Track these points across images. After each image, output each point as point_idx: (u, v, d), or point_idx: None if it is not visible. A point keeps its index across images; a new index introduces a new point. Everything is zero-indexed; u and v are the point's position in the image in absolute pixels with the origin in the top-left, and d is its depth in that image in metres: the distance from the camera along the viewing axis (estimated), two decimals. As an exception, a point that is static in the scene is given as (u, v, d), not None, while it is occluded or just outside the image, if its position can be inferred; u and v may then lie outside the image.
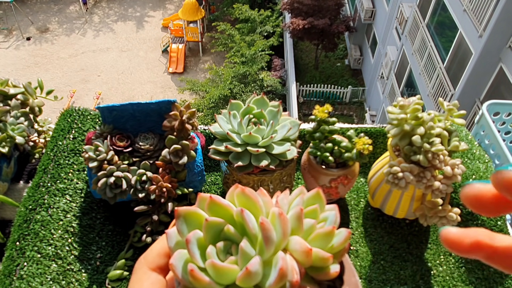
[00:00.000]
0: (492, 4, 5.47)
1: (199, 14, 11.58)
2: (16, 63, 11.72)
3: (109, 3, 14.04)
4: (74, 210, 0.93)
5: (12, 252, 0.84)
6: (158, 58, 12.29)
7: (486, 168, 1.01)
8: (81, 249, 0.90)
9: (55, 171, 0.95)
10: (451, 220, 0.83)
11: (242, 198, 0.34)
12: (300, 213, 0.34)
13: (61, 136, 1.01)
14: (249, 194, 0.33)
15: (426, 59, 7.37)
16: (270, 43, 9.63)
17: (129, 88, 11.31)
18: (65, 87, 10.99)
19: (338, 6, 9.92)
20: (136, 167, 0.88)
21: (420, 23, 7.62)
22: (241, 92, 8.83)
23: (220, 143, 0.86)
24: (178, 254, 0.33)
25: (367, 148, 0.87)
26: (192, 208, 0.34)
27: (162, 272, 0.37)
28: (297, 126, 0.88)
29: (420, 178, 0.79)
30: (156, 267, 0.37)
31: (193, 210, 0.34)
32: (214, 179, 1.09)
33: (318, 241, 0.34)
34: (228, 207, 0.34)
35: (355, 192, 1.09)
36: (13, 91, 1.02)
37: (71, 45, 12.52)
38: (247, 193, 0.33)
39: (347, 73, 11.35)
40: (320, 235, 0.35)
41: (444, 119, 0.83)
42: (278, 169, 0.87)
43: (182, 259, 0.33)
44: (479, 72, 6.04)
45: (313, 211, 0.37)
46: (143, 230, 0.91)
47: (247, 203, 0.34)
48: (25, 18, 12.99)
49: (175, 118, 0.87)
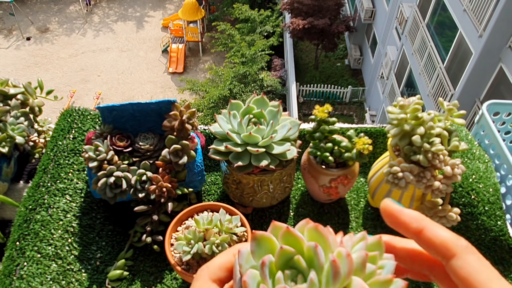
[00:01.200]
0: (492, 4, 5.47)
1: (199, 14, 11.58)
2: (16, 63, 11.71)
3: (109, 3, 14.04)
4: (74, 210, 0.93)
5: (12, 252, 0.84)
6: (158, 58, 12.29)
7: (486, 168, 1.01)
8: (81, 249, 0.90)
9: (55, 171, 0.95)
10: (451, 220, 0.83)
11: (313, 233, 0.37)
12: (365, 257, 0.36)
13: (61, 136, 1.01)
14: (321, 232, 0.37)
15: (426, 59, 7.37)
16: (270, 43, 9.62)
17: (129, 88, 11.31)
18: (65, 87, 10.98)
19: (338, 6, 9.92)
20: (136, 167, 0.88)
21: (420, 23, 7.62)
22: (241, 92, 8.83)
23: (220, 143, 0.86)
24: (250, 273, 0.36)
25: (367, 148, 0.87)
26: (267, 234, 0.38)
27: (221, 284, 0.40)
28: (297, 126, 0.88)
29: (420, 178, 0.79)
30: (217, 278, 0.39)
31: (267, 236, 0.38)
32: (214, 179, 1.09)
33: (376, 286, 0.37)
34: (301, 240, 0.37)
35: (355, 192, 1.09)
36: (13, 91, 1.02)
37: (71, 45, 12.52)
38: (320, 230, 0.37)
39: (347, 73, 11.35)
40: (379, 281, 0.37)
41: (444, 119, 0.83)
42: (278, 169, 0.87)
43: (255, 279, 0.36)
44: (479, 72, 6.04)
45: (373, 257, 0.39)
46: (143, 230, 0.91)
47: (319, 239, 0.37)
48: (25, 18, 12.98)
49: (175, 118, 0.87)
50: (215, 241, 0.74)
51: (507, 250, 0.96)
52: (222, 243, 0.74)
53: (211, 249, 0.73)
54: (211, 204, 0.83)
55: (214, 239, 0.74)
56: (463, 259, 0.37)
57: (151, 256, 0.94)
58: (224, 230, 0.76)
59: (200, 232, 0.75)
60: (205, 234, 0.76)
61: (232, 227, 0.76)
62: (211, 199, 1.06)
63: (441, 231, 0.38)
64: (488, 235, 0.95)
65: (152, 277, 0.91)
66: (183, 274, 0.76)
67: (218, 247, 0.74)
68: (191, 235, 0.75)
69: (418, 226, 0.39)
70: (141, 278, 0.90)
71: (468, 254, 0.37)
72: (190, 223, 0.81)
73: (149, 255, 0.94)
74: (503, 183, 1.05)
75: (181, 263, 0.77)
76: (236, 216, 0.79)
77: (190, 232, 0.75)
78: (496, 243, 0.96)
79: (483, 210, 0.96)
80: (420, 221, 0.39)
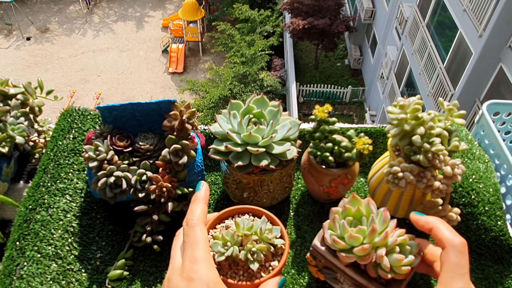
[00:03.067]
0: (492, 4, 5.47)
1: (199, 14, 11.58)
2: (16, 63, 11.72)
3: (109, 3, 14.04)
4: (74, 210, 0.93)
5: (12, 252, 0.84)
6: (158, 58, 12.29)
7: (486, 168, 1.01)
8: (81, 249, 0.90)
9: (55, 171, 0.95)
10: (451, 220, 0.83)
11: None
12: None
13: (61, 136, 1.01)
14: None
15: (426, 59, 7.37)
16: (270, 43, 9.63)
17: (129, 88, 11.32)
18: (65, 87, 10.99)
19: (338, 6, 9.93)
20: (136, 167, 0.89)
21: (420, 23, 7.62)
22: (241, 92, 8.83)
23: (220, 143, 0.86)
24: (326, 225, 0.71)
25: (367, 148, 0.87)
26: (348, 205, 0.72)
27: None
28: (297, 126, 0.88)
29: (420, 178, 0.79)
30: (204, 222, 0.65)
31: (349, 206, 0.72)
32: (214, 179, 1.09)
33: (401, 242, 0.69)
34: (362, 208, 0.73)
35: (355, 192, 1.09)
36: (13, 91, 1.02)
37: (71, 45, 12.52)
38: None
39: (347, 73, 11.35)
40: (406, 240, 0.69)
41: (444, 119, 0.83)
42: (278, 169, 0.87)
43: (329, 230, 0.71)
44: (479, 72, 6.04)
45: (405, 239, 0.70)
46: (143, 230, 0.91)
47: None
48: (25, 18, 12.98)
49: (175, 118, 0.87)
50: (252, 248, 0.73)
51: (507, 250, 0.96)
52: (258, 252, 0.73)
53: (246, 256, 0.72)
54: (254, 209, 0.82)
55: (251, 246, 0.73)
56: (446, 251, 0.55)
57: (151, 256, 0.94)
58: (262, 239, 0.75)
59: (239, 236, 0.74)
60: (243, 239, 0.74)
61: (271, 237, 0.75)
62: (211, 199, 1.06)
63: (441, 230, 0.59)
64: (488, 235, 0.95)
65: (152, 277, 0.91)
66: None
67: (254, 255, 0.72)
68: (229, 237, 0.74)
69: (429, 227, 0.62)
70: (141, 278, 0.90)
71: (453, 250, 0.55)
72: (230, 223, 0.80)
73: (149, 255, 0.94)
74: (503, 183, 1.06)
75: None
76: (277, 227, 0.78)
77: (228, 234, 0.74)
78: (496, 243, 0.96)
79: (483, 210, 0.96)
80: (430, 223, 0.62)
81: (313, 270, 0.84)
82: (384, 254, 0.66)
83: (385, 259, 0.66)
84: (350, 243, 0.69)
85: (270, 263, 0.75)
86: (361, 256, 0.68)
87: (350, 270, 0.73)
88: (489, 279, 0.94)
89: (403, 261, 0.65)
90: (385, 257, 0.66)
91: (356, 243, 0.68)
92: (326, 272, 0.80)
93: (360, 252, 0.67)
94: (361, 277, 0.72)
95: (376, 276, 0.70)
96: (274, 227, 0.77)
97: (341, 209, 0.73)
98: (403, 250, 0.68)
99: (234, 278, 0.72)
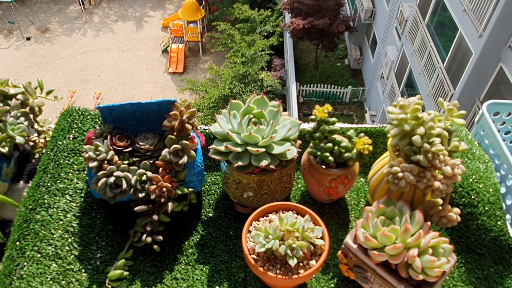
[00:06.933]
0: (492, 4, 5.46)
1: (199, 14, 11.58)
2: (16, 63, 11.71)
3: (109, 3, 14.04)
4: (74, 210, 0.93)
5: (12, 252, 0.84)
6: (158, 58, 12.28)
7: (486, 168, 1.01)
8: (81, 249, 0.90)
9: (55, 171, 0.95)
10: (451, 220, 0.83)
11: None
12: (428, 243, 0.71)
13: (61, 136, 1.01)
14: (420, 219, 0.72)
15: (426, 59, 7.37)
16: (270, 43, 9.62)
17: (129, 88, 11.31)
18: (65, 87, 10.98)
19: (338, 6, 9.92)
20: (136, 167, 0.88)
21: (420, 23, 7.62)
22: (241, 92, 8.82)
23: (220, 143, 0.86)
24: (359, 223, 0.70)
25: (367, 148, 0.87)
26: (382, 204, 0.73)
27: None
28: (297, 126, 0.88)
29: (420, 178, 0.79)
30: None
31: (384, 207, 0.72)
32: (214, 179, 1.09)
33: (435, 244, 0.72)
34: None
35: (355, 192, 1.09)
36: (13, 91, 1.02)
37: (71, 45, 12.52)
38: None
39: (347, 73, 11.34)
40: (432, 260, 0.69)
41: (444, 119, 0.83)
42: (278, 169, 0.87)
43: (362, 228, 0.72)
44: (479, 72, 6.04)
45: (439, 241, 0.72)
46: (143, 230, 0.91)
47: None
48: (25, 18, 12.98)
49: (175, 118, 0.87)
50: (292, 244, 0.73)
51: (507, 250, 0.96)
52: (298, 249, 0.74)
53: (285, 251, 0.73)
54: (299, 207, 0.83)
55: (292, 242, 0.73)
56: None
57: (151, 256, 0.94)
58: (304, 237, 0.76)
59: (281, 231, 0.75)
60: (284, 234, 0.75)
61: (313, 237, 0.76)
62: (211, 199, 1.06)
63: None
64: (488, 235, 0.95)
65: (152, 277, 0.91)
66: (254, 266, 0.76)
67: (293, 251, 0.73)
68: (272, 230, 0.75)
69: None
70: (141, 278, 0.90)
71: None
72: (274, 217, 0.81)
73: (149, 255, 0.94)
74: (503, 183, 1.05)
75: (252, 252, 0.78)
76: (319, 227, 0.79)
77: (271, 227, 0.75)
78: (496, 243, 0.96)
79: (483, 210, 0.96)
80: None
81: (343, 268, 0.84)
82: (416, 254, 0.65)
83: (417, 259, 0.65)
84: (382, 241, 0.69)
85: (308, 262, 0.75)
86: (393, 255, 0.67)
87: (381, 269, 0.73)
88: (489, 279, 0.94)
89: (435, 262, 0.64)
90: (417, 258, 0.65)
91: (389, 242, 0.68)
92: (357, 271, 0.80)
93: (392, 251, 0.67)
94: (392, 277, 0.71)
95: (407, 276, 0.69)
96: (316, 227, 0.78)
97: (374, 209, 0.73)
98: (436, 253, 0.67)
99: (271, 271, 0.74)
